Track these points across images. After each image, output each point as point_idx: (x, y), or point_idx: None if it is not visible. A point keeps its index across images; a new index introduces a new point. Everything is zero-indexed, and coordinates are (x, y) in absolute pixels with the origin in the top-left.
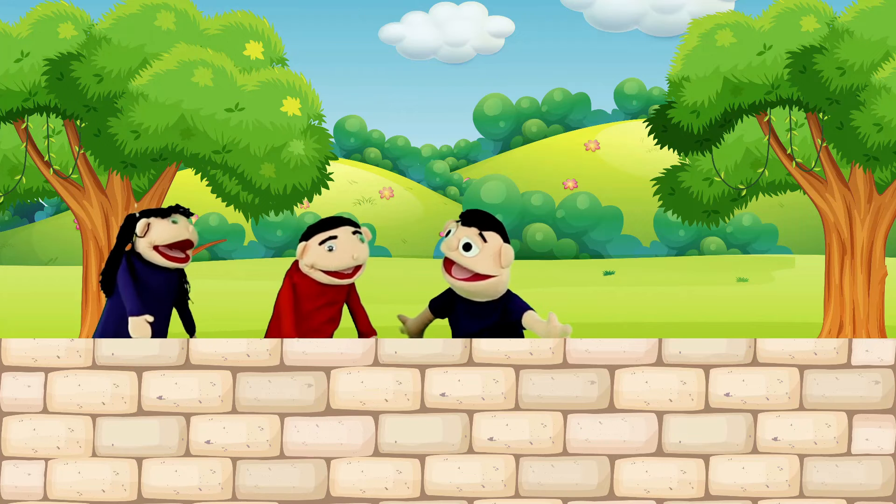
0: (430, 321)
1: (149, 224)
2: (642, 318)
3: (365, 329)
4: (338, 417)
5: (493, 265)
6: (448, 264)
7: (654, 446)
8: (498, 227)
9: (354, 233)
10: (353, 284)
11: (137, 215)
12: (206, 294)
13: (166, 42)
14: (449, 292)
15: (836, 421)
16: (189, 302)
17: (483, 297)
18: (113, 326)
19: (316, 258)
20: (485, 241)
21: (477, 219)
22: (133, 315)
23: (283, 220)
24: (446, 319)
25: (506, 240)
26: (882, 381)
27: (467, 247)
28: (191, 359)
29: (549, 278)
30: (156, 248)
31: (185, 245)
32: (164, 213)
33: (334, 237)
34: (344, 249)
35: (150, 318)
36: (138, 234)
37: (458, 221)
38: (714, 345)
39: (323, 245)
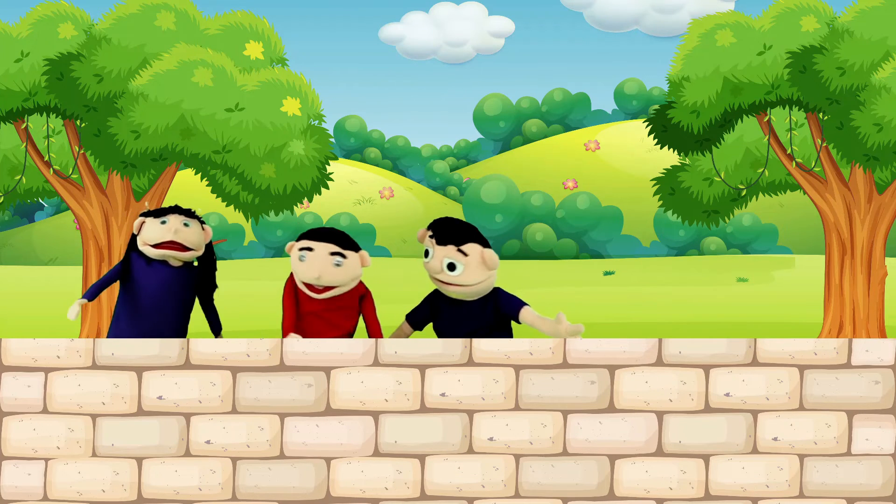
0: (409, 334)
1: (143, 223)
2: (642, 318)
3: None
4: (338, 417)
5: (480, 273)
6: None
7: (654, 446)
8: (472, 235)
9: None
10: (368, 293)
11: (143, 214)
12: None
13: (166, 42)
14: (430, 299)
15: (836, 421)
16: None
17: (476, 296)
18: (119, 322)
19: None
20: (465, 254)
21: (450, 235)
22: (82, 297)
23: (283, 220)
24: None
25: (483, 243)
26: (882, 381)
27: (451, 266)
28: (191, 359)
29: (549, 278)
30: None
31: (170, 246)
32: (159, 211)
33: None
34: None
35: (81, 303)
36: (134, 231)
37: (431, 236)
38: (714, 345)
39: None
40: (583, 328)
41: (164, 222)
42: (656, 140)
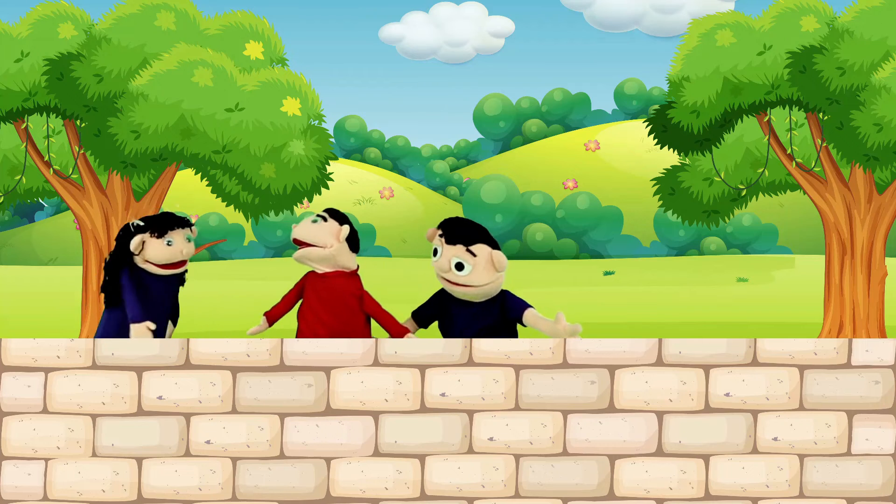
0: (414, 332)
1: (143, 243)
2: (642, 318)
3: (397, 332)
4: (338, 417)
5: (488, 275)
6: None
7: (654, 446)
8: (482, 236)
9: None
10: (365, 293)
11: (133, 227)
12: (206, 294)
13: (166, 42)
14: (437, 298)
15: (836, 421)
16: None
17: (482, 297)
18: (103, 326)
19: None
20: (473, 255)
21: (460, 234)
22: (135, 321)
23: (283, 220)
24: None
25: (493, 244)
26: (882, 381)
27: (459, 266)
28: (191, 359)
29: (549, 278)
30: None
31: (180, 266)
32: (160, 229)
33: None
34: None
35: (153, 326)
36: (133, 251)
37: (440, 235)
38: (714, 345)
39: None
40: (580, 328)
41: (169, 243)
42: (656, 140)
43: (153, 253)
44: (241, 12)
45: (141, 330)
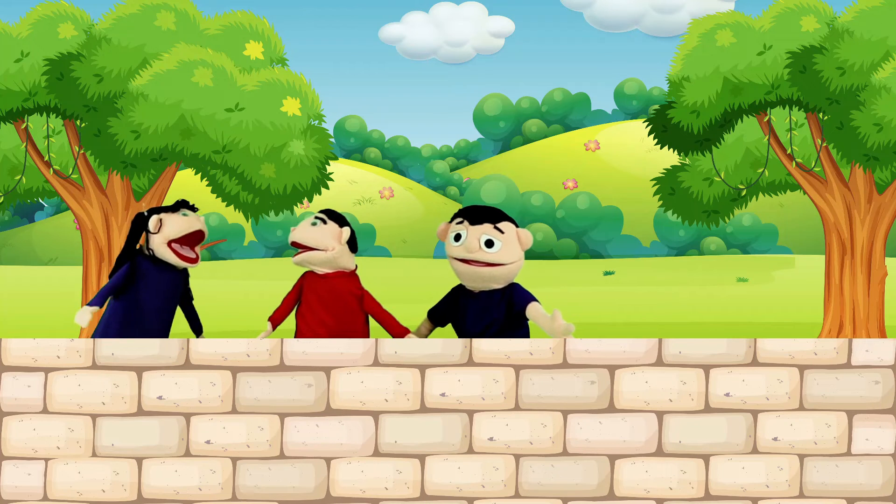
0: (431, 331)
1: (161, 220)
2: (642, 318)
3: (398, 332)
4: (338, 417)
5: (515, 251)
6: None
7: (654, 446)
8: (504, 216)
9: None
10: (365, 293)
11: (146, 213)
12: (206, 294)
13: (166, 42)
14: (451, 296)
15: (836, 421)
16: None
17: (501, 281)
18: (116, 327)
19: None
20: (501, 232)
21: (485, 214)
22: (89, 304)
23: (283, 220)
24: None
25: (516, 224)
26: (882, 381)
27: (489, 243)
28: (191, 359)
29: (549, 278)
30: (169, 244)
31: (197, 237)
32: (172, 209)
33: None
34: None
35: (94, 310)
36: (151, 230)
37: (459, 222)
38: (714, 345)
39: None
40: (573, 328)
41: (185, 214)
42: (656, 140)
43: (172, 227)
44: (241, 12)
45: (85, 312)
